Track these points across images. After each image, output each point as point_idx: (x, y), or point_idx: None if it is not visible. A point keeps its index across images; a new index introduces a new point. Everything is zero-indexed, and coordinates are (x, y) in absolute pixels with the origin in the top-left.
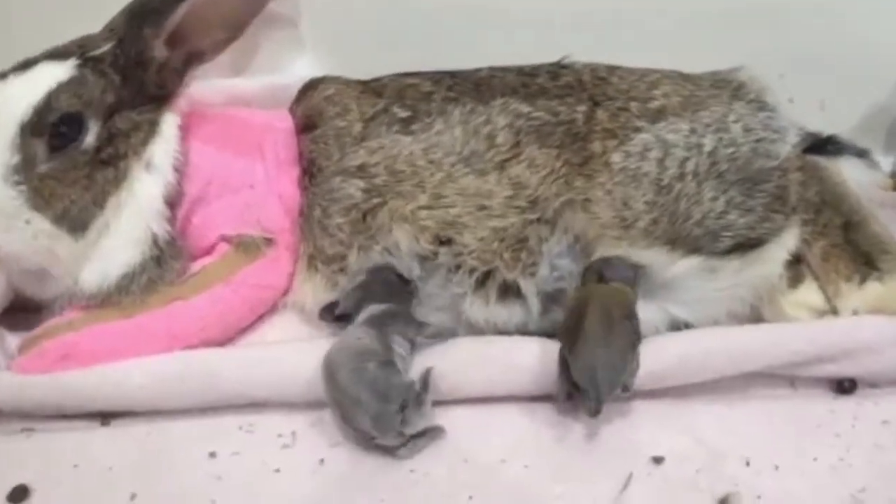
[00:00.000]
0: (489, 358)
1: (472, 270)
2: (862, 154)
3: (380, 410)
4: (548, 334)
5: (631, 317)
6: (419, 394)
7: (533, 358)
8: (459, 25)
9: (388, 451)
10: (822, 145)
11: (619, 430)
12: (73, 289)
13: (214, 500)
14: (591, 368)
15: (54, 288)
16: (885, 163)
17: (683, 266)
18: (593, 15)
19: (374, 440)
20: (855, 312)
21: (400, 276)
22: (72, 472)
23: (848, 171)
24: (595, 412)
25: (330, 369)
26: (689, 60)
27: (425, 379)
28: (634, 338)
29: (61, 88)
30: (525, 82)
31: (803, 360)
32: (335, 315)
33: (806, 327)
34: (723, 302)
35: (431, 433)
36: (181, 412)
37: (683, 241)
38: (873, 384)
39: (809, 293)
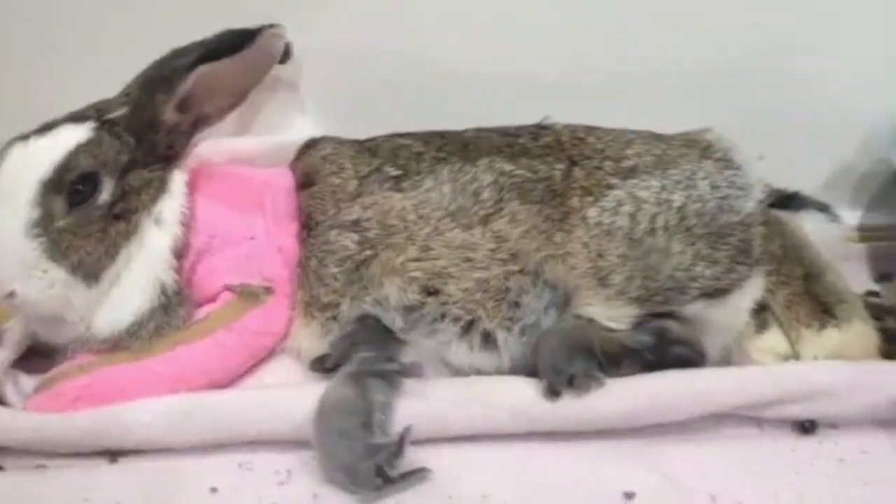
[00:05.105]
0: (470, 398)
1: (456, 319)
2: (823, 209)
3: (355, 468)
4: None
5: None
6: (394, 453)
7: (512, 397)
8: (449, 88)
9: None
10: (786, 201)
11: (593, 466)
12: (85, 334)
13: None
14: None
15: (68, 333)
16: (852, 216)
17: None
18: (573, 77)
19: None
20: (815, 357)
21: (385, 327)
22: None
23: (810, 225)
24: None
25: (315, 423)
26: (667, 120)
27: (402, 438)
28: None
29: (80, 149)
30: (509, 142)
31: (767, 402)
32: (325, 367)
33: (769, 371)
34: None
35: (417, 475)
36: (185, 450)
37: (656, 302)
38: (832, 425)
39: (774, 339)
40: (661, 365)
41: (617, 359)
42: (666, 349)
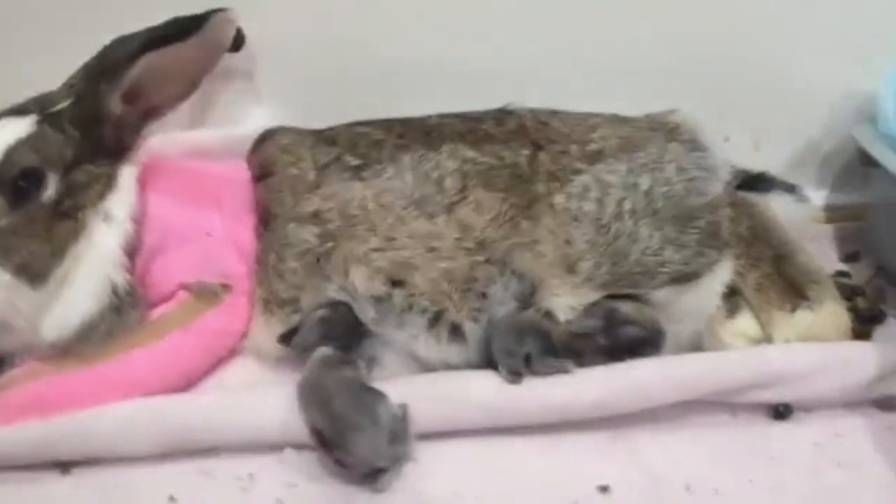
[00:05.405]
0: (438, 394)
1: (423, 311)
2: (791, 189)
3: (376, 435)
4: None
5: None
6: (403, 422)
7: (480, 392)
8: (408, 76)
9: (369, 479)
10: (753, 182)
11: (565, 459)
12: (33, 339)
13: None
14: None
15: (15, 339)
16: (818, 196)
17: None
18: (541, 64)
19: (365, 466)
20: (787, 340)
21: (355, 318)
22: None
23: (777, 206)
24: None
25: (322, 398)
26: (632, 103)
27: (404, 411)
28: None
29: (22, 144)
30: (472, 128)
31: (740, 387)
32: (293, 344)
33: (741, 355)
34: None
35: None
36: (141, 458)
37: (624, 288)
38: (806, 409)
39: (746, 322)
40: (616, 348)
41: (573, 348)
42: (615, 330)
